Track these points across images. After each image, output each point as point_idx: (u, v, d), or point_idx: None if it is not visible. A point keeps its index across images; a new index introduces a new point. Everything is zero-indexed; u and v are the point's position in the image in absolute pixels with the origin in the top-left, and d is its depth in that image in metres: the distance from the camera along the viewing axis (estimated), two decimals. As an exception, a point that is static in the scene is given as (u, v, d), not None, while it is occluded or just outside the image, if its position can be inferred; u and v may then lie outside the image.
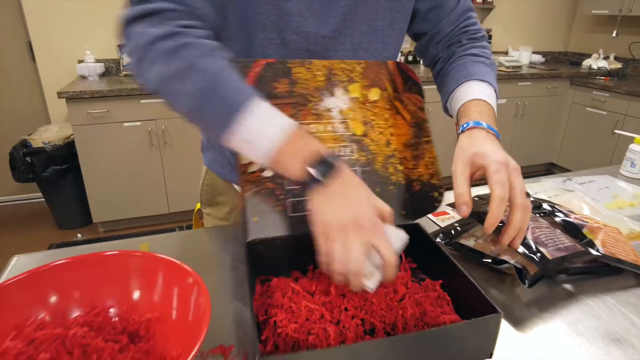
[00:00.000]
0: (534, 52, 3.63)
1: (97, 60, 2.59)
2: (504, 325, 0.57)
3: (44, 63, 2.54)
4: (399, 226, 0.54)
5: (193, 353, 0.35)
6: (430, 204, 0.68)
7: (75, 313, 0.48)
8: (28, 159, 2.26)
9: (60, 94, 2.12)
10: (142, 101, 2.28)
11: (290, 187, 0.64)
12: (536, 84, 3.19)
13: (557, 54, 3.91)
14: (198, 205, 0.91)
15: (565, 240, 0.64)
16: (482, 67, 0.71)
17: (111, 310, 0.49)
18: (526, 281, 0.60)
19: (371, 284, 0.50)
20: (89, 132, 2.24)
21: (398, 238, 0.53)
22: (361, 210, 0.49)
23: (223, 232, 0.82)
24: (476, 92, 0.67)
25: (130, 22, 0.52)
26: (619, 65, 3.39)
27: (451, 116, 0.73)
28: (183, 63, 0.50)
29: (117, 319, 0.48)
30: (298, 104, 0.67)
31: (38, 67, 2.55)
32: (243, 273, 0.65)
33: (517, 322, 0.58)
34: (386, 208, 0.52)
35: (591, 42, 3.73)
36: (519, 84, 3.11)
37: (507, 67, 3.24)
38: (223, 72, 0.51)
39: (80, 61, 2.55)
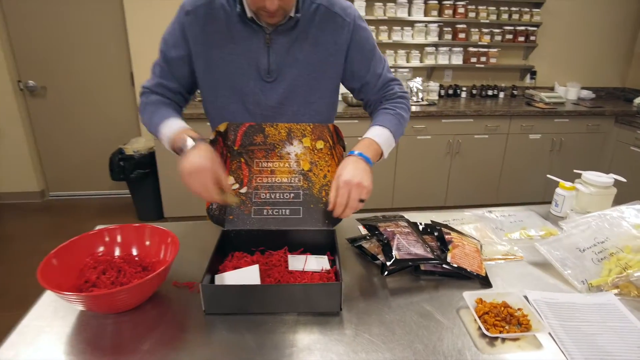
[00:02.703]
0: (583, 88, 3.65)
1: (179, 88, 3.23)
2: (366, 297, 0.90)
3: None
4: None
5: (158, 271, 0.76)
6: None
7: (117, 252, 0.93)
8: (121, 163, 2.93)
9: (148, 115, 2.75)
10: (207, 124, 2.84)
11: (255, 200, 1.04)
12: (575, 121, 3.23)
13: (612, 89, 3.85)
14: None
15: (420, 250, 0.96)
16: (385, 116, 1.07)
17: (134, 253, 0.94)
18: (385, 271, 0.93)
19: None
20: (166, 145, 2.85)
21: (320, 262, 0.94)
22: (196, 164, 0.90)
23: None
24: (369, 133, 1.04)
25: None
26: (673, 105, 3.29)
27: None
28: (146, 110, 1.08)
29: (137, 258, 0.92)
30: (269, 149, 1.07)
31: (135, 91, 3.27)
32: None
33: (375, 298, 0.90)
34: (225, 177, 0.93)
35: (648, 79, 3.64)
36: (555, 120, 3.19)
37: (547, 104, 3.33)
38: (157, 109, 1.05)
39: (167, 88, 3.22)
